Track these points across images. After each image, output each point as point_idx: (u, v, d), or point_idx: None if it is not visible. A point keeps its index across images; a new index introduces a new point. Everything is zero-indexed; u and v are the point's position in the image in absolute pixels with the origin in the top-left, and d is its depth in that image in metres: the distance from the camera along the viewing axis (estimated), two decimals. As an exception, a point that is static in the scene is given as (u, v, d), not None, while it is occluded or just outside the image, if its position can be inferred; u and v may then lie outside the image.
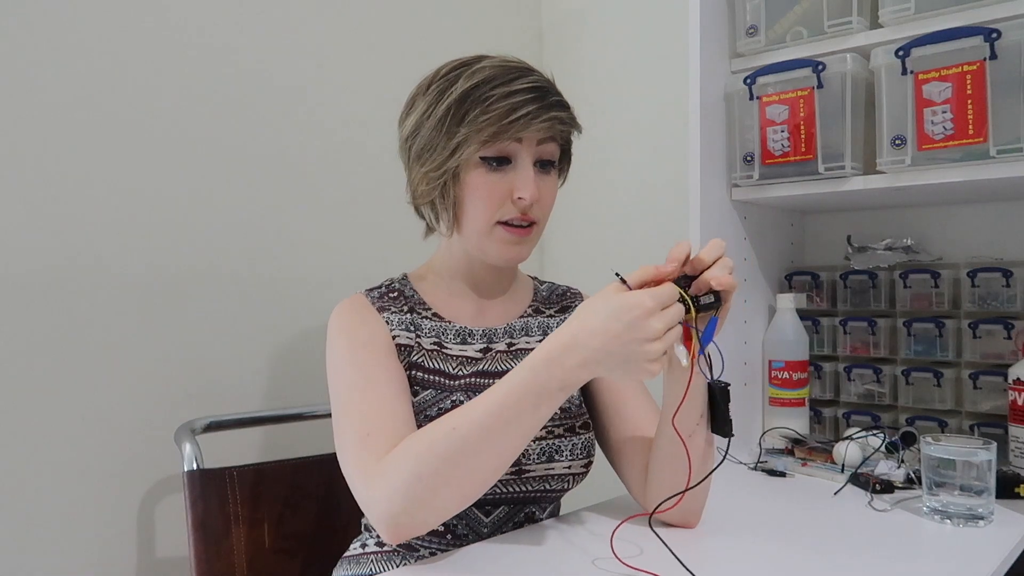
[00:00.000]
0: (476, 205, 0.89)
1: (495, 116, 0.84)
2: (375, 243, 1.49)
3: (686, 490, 0.84)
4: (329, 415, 0.89)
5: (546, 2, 1.90)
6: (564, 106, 0.89)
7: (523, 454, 0.90)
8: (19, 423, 1.04)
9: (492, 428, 0.74)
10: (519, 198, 0.87)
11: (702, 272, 0.77)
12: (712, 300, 0.77)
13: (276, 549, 1.10)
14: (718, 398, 0.83)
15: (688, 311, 0.76)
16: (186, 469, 1.04)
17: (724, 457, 0.82)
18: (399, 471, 0.76)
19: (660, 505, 0.83)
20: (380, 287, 0.98)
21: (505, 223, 0.89)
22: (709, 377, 0.82)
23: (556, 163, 0.93)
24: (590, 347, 0.72)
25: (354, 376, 0.86)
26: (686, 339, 0.79)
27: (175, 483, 1.18)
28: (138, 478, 1.16)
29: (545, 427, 0.92)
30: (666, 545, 0.77)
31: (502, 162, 0.88)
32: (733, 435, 0.83)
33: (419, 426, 0.88)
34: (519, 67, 0.89)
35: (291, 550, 1.12)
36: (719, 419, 0.83)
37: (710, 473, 0.87)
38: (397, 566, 0.91)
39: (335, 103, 1.43)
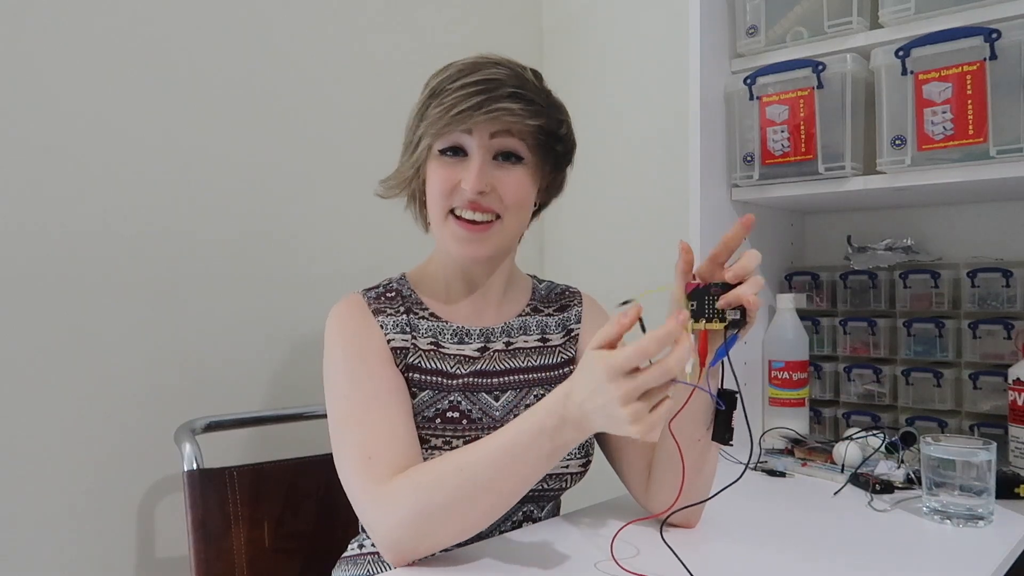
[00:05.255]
0: (432, 195, 0.91)
1: (444, 108, 0.85)
2: (375, 243, 1.49)
3: (705, 500, 0.87)
4: (329, 415, 0.89)
5: (547, 3, 1.90)
6: (520, 98, 0.86)
7: None
8: (19, 423, 1.04)
9: (499, 470, 0.75)
10: (463, 188, 0.87)
11: (734, 286, 0.76)
12: (737, 317, 0.76)
13: (276, 549, 1.10)
14: (723, 405, 0.82)
15: (700, 319, 0.77)
16: (186, 469, 1.04)
17: (744, 471, 0.82)
18: (403, 503, 0.77)
19: (670, 515, 0.83)
20: (378, 287, 0.98)
21: (459, 217, 0.89)
22: (710, 392, 0.81)
23: (520, 157, 0.91)
24: (575, 402, 0.70)
25: (353, 391, 0.86)
26: (701, 349, 0.78)
27: (175, 483, 1.18)
28: (138, 478, 1.16)
29: None
30: (677, 556, 0.77)
31: (457, 152, 0.89)
32: (731, 444, 0.82)
33: (416, 426, 0.88)
34: (486, 62, 0.89)
35: (291, 550, 1.12)
36: (720, 426, 0.83)
37: (727, 487, 0.86)
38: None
39: (334, 103, 1.43)
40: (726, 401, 0.82)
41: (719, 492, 0.86)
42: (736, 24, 1.34)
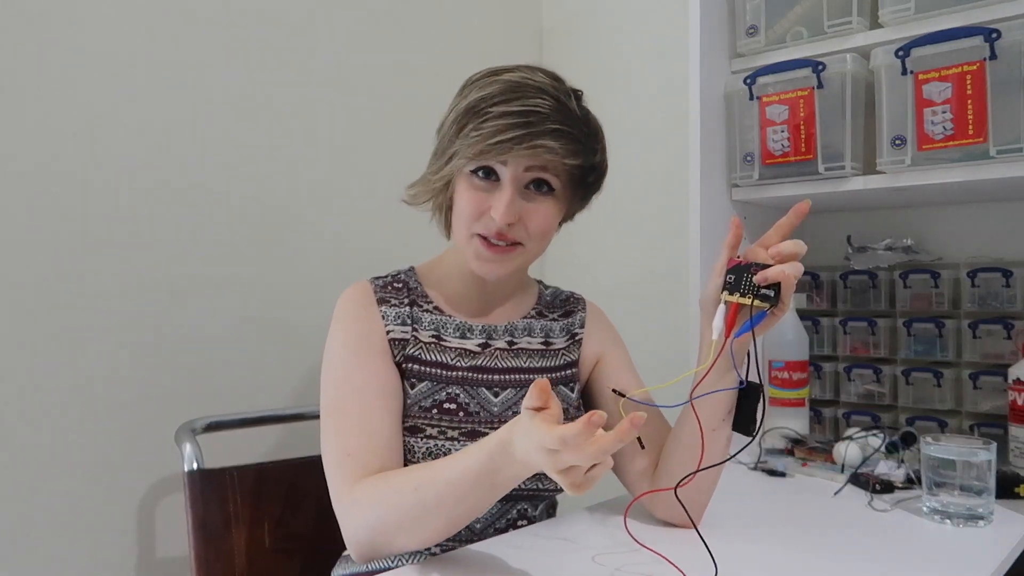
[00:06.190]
0: (460, 214, 0.90)
1: (483, 135, 0.83)
2: (377, 243, 1.49)
3: (719, 463, 0.86)
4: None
5: (547, 3, 1.90)
6: (561, 135, 0.84)
7: None
8: (19, 423, 1.04)
9: (450, 496, 0.76)
10: (492, 216, 0.87)
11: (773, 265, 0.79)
12: (771, 294, 0.78)
13: (276, 549, 1.10)
14: (747, 396, 0.83)
15: (734, 293, 0.79)
16: (186, 469, 1.04)
17: (732, 456, 0.83)
18: (364, 512, 0.80)
19: (682, 480, 0.82)
20: (386, 276, 0.99)
21: (484, 237, 0.89)
22: (737, 372, 0.82)
23: (552, 188, 0.90)
24: (520, 449, 0.69)
25: (343, 380, 0.89)
26: (729, 321, 0.80)
27: (175, 483, 1.18)
28: (138, 478, 1.16)
29: None
30: (691, 518, 0.80)
31: (489, 175, 0.88)
32: (753, 436, 0.82)
33: (412, 416, 0.89)
34: (530, 86, 0.86)
35: (291, 550, 1.12)
36: (744, 417, 0.83)
37: (723, 462, 0.87)
38: (394, 565, 0.91)
39: (334, 102, 1.43)
40: (750, 393, 0.82)
41: (724, 462, 0.86)
42: (736, 24, 1.34)
